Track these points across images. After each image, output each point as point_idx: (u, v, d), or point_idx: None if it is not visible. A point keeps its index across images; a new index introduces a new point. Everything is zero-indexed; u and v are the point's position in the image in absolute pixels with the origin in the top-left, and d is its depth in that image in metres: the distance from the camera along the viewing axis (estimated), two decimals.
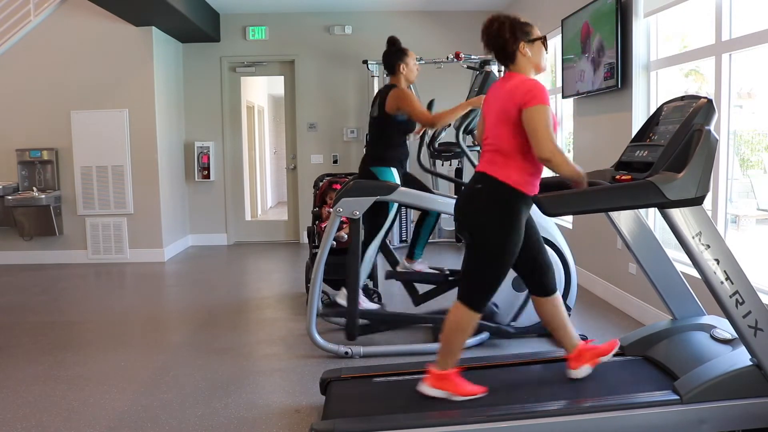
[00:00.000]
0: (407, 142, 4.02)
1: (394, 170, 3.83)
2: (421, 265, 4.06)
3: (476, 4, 7.13)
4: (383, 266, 4.78)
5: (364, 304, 3.86)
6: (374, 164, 3.85)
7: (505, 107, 2.43)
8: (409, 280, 4.11)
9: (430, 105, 4.13)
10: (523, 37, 2.47)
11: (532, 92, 2.36)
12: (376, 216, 3.80)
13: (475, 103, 3.76)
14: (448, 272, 4.05)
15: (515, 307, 3.67)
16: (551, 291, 2.67)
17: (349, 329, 3.49)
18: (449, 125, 4.33)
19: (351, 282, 3.48)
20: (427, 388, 2.54)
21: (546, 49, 2.53)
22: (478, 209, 2.48)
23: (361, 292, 3.86)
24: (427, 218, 4.08)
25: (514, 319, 3.68)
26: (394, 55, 3.88)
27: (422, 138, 5.48)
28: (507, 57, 2.51)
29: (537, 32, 2.52)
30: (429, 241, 4.14)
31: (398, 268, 4.11)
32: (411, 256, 4.08)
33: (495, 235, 2.44)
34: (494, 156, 2.47)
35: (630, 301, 4.26)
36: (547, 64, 2.58)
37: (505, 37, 2.47)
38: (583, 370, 2.63)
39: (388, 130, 3.87)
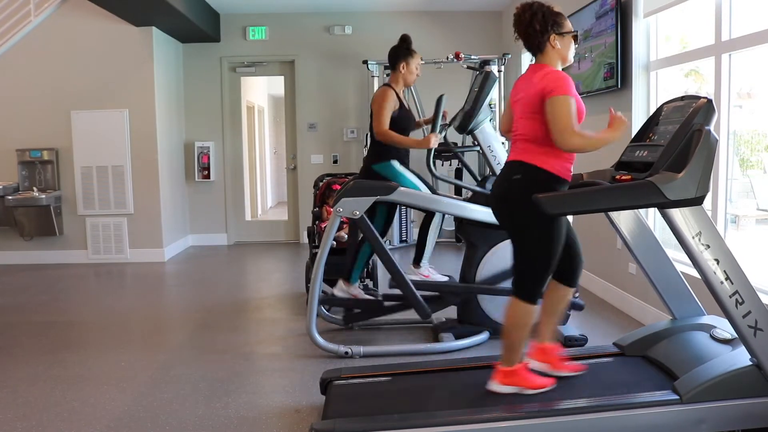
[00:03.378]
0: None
1: (396, 162, 3.83)
2: (428, 271, 3.98)
3: (476, 4, 7.11)
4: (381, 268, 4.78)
5: (434, 276, 3.87)
6: (375, 161, 3.86)
7: (532, 98, 2.44)
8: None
9: (439, 100, 4.11)
10: (554, 28, 2.47)
11: (557, 82, 2.37)
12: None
13: (424, 143, 3.77)
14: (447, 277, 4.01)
15: None
16: (573, 284, 2.69)
17: (420, 312, 3.50)
18: (449, 125, 4.32)
19: (393, 273, 3.48)
20: (497, 386, 2.53)
21: (576, 43, 2.53)
22: (521, 200, 2.41)
23: (428, 264, 3.93)
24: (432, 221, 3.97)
25: None
26: (400, 51, 3.88)
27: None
28: (536, 47, 2.52)
29: (569, 25, 2.52)
30: None
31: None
32: (417, 264, 4.00)
33: (542, 222, 2.41)
34: (528, 145, 2.47)
35: (630, 301, 4.27)
36: (573, 57, 2.57)
37: (536, 28, 2.47)
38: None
39: None
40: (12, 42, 5.12)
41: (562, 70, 2.53)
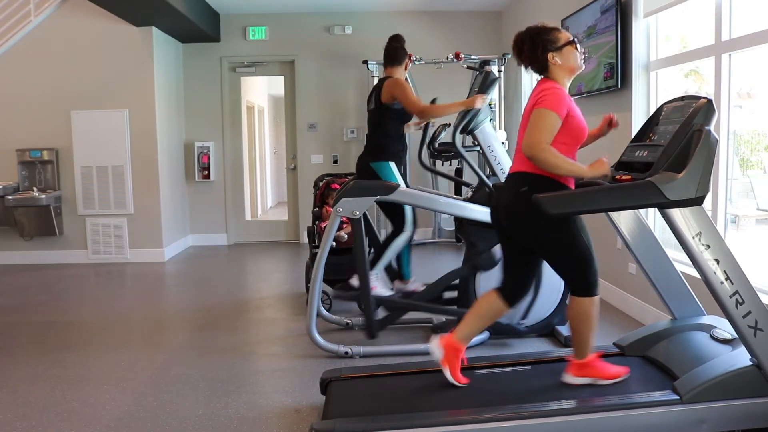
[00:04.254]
0: (405, 136, 4.02)
1: (393, 164, 3.86)
2: (414, 284, 4.03)
3: (476, 4, 7.12)
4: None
5: (380, 289, 3.84)
6: (373, 159, 3.88)
7: (528, 111, 2.48)
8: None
9: (432, 103, 4.12)
10: (549, 47, 2.48)
11: (547, 96, 2.39)
12: (396, 213, 3.84)
13: (469, 103, 3.69)
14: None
15: (524, 304, 3.66)
16: (512, 305, 2.67)
17: (368, 328, 3.51)
18: (449, 125, 4.33)
19: (363, 283, 3.48)
20: (572, 378, 2.57)
21: (578, 49, 2.53)
22: (533, 210, 2.34)
23: (379, 276, 3.89)
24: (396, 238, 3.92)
25: (524, 317, 3.68)
26: (403, 50, 3.95)
27: (423, 136, 5.48)
28: (540, 69, 2.55)
29: (564, 36, 2.52)
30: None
31: (393, 288, 4.06)
32: (401, 278, 4.08)
33: (559, 226, 2.42)
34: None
35: (630, 301, 4.26)
36: (582, 63, 2.56)
37: (529, 55, 2.51)
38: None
39: (384, 120, 3.90)
40: (12, 42, 5.12)
41: (574, 77, 2.56)
